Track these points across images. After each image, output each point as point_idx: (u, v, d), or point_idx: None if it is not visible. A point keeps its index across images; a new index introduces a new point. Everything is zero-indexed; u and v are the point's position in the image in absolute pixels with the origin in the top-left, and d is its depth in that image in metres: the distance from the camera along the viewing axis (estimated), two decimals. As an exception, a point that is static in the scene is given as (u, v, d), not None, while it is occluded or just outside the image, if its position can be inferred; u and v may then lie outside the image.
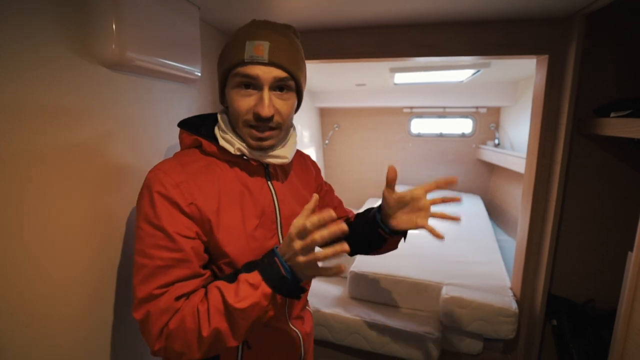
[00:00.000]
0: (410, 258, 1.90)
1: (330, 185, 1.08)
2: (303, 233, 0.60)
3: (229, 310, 0.62)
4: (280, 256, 0.65)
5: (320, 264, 0.64)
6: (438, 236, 0.79)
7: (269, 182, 0.81)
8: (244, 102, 0.71)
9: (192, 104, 1.21)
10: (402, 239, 0.91)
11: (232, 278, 0.66)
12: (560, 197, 1.30)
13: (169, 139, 1.06)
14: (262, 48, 0.68)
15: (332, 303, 1.72)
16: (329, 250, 0.59)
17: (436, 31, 1.32)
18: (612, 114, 1.13)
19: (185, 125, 0.79)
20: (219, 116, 0.79)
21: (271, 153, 0.77)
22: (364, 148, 4.06)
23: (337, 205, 1.07)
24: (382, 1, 1.10)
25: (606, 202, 1.31)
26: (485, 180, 3.78)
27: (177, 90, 1.11)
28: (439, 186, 0.80)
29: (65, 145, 0.71)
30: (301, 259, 0.61)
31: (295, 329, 0.87)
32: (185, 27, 1.04)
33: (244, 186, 0.77)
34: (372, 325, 1.55)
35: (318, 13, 1.21)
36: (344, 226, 0.59)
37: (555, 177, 1.29)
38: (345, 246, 0.59)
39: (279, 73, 0.70)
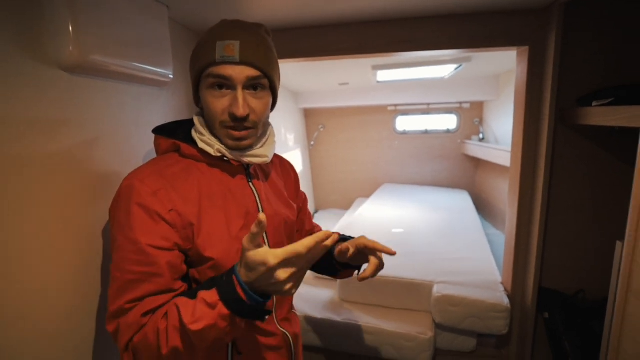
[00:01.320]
0: (400, 257, 1.85)
1: (305, 195, 1.08)
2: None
3: (184, 331, 0.58)
4: (238, 274, 0.58)
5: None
6: (390, 252, 0.87)
7: (250, 183, 0.81)
8: (219, 103, 0.71)
9: (166, 108, 1.15)
10: (356, 272, 0.95)
11: (193, 294, 0.61)
12: (547, 189, 1.29)
13: (143, 145, 1.01)
14: (232, 48, 0.68)
15: (323, 308, 1.68)
16: None
17: (416, 26, 1.30)
18: (594, 103, 1.12)
19: (162, 131, 0.79)
20: (195, 118, 0.78)
21: (250, 152, 0.76)
22: (350, 148, 4.04)
23: (309, 217, 1.08)
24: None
25: (593, 192, 1.30)
26: (471, 175, 3.81)
27: (149, 93, 1.06)
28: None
29: (16, 156, 0.65)
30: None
31: (284, 330, 0.86)
32: (153, 27, 0.99)
33: (225, 187, 0.76)
34: (364, 329, 1.52)
35: (293, 10, 1.17)
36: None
37: (541, 169, 1.28)
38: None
39: (252, 72, 0.69)
